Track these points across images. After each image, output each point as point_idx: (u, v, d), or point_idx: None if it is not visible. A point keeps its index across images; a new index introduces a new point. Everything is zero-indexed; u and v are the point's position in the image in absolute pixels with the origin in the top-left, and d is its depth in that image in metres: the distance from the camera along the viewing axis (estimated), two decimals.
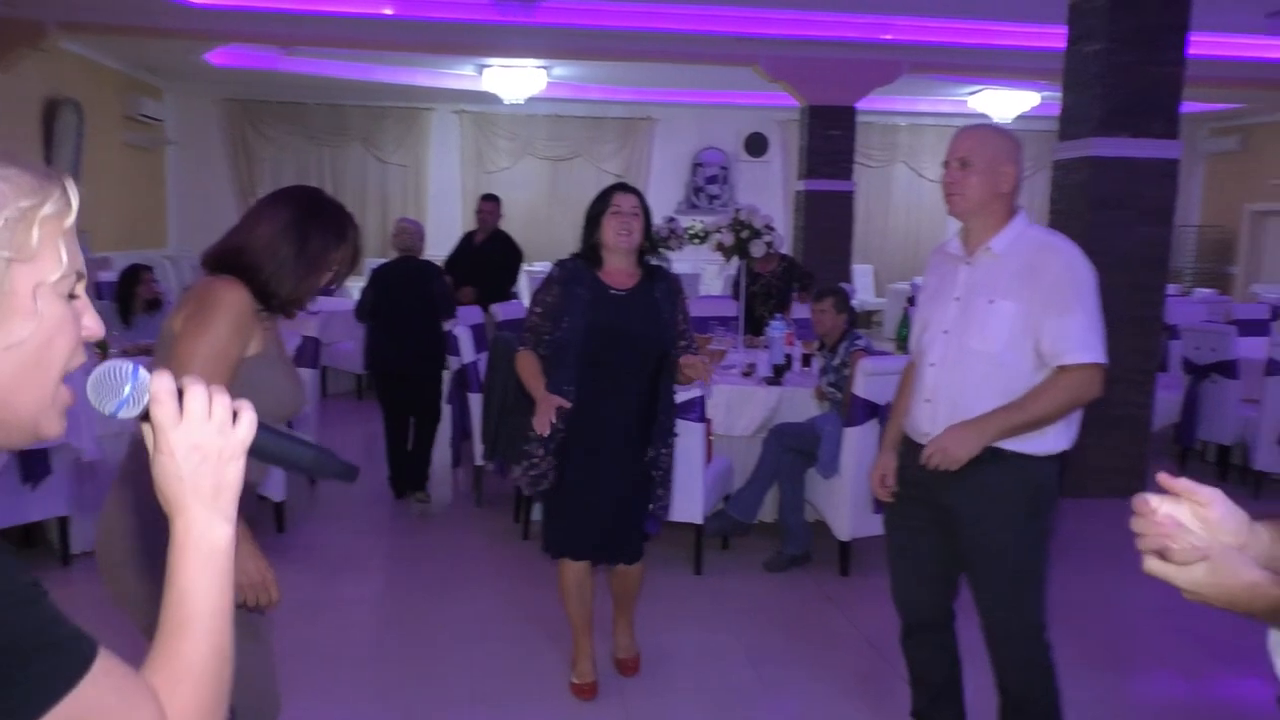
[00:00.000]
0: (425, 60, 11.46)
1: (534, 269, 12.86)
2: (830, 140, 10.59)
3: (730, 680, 3.58)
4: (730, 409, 4.83)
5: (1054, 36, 8.58)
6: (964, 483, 2.52)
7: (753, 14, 9.06)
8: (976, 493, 2.52)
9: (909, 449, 2.72)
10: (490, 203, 7.44)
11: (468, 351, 5.36)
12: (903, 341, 5.50)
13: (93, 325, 0.87)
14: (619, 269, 3.19)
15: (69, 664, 0.77)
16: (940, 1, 8.39)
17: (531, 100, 11.97)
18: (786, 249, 8.68)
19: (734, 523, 4.69)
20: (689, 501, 4.35)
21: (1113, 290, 2.55)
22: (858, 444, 4.42)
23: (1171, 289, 8.16)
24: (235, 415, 0.91)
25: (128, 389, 0.87)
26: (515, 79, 11.25)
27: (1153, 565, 1.07)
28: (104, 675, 0.79)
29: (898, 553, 2.83)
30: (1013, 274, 2.51)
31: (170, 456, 0.88)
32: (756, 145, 14.71)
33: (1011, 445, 2.49)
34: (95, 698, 0.78)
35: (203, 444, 0.89)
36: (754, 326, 6.20)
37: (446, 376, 5.79)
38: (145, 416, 0.89)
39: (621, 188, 3.24)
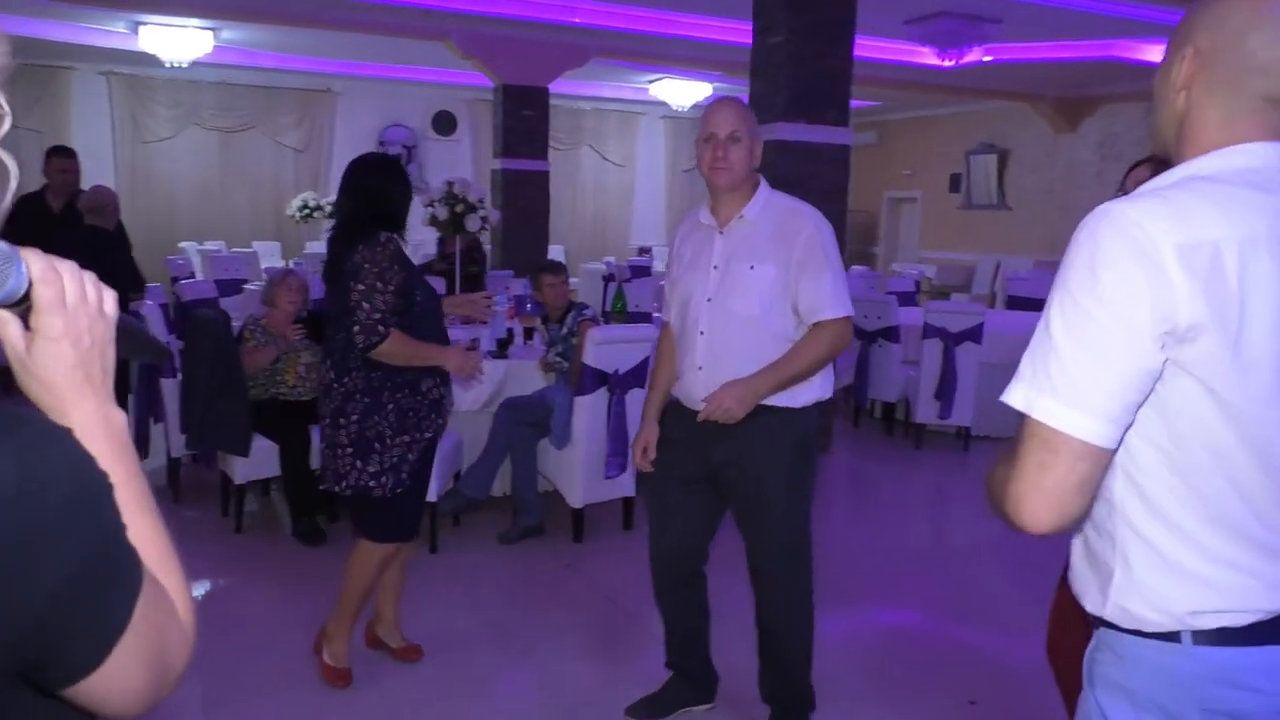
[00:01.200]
0: (65, 11, 10.09)
1: (207, 248, 11.83)
2: (524, 120, 10.65)
3: (476, 655, 3.53)
4: (457, 384, 4.73)
5: (730, 30, 9.22)
6: (734, 438, 2.66)
7: None
8: (747, 445, 2.67)
9: (678, 414, 2.81)
10: (65, 159, 6.06)
11: (158, 332, 4.83)
12: (618, 315, 5.68)
13: None
14: None
15: (136, 570, 0.75)
16: None
17: (196, 65, 10.95)
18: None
19: (467, 500, 4.62)
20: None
21: None
22: (588, 412, 4.51)
23: None
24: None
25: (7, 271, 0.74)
26: (176, 39, 10.22)
27: None
28: (149, 583, 0.77)
29: (666, 512, 2.91)
30: (767, 239, 2.66)
31: (58, 343, 0.78)
32: (445, 123, 14.48)
33: (774, 400, 2.65)
34: (149, 605, 0.76)
35: (92, 327, 0.81)
36: None
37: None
38: (18, 303, 0.76)
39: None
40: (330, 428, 3.04)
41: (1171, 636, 1.21)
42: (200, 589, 3.98)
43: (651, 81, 13.07)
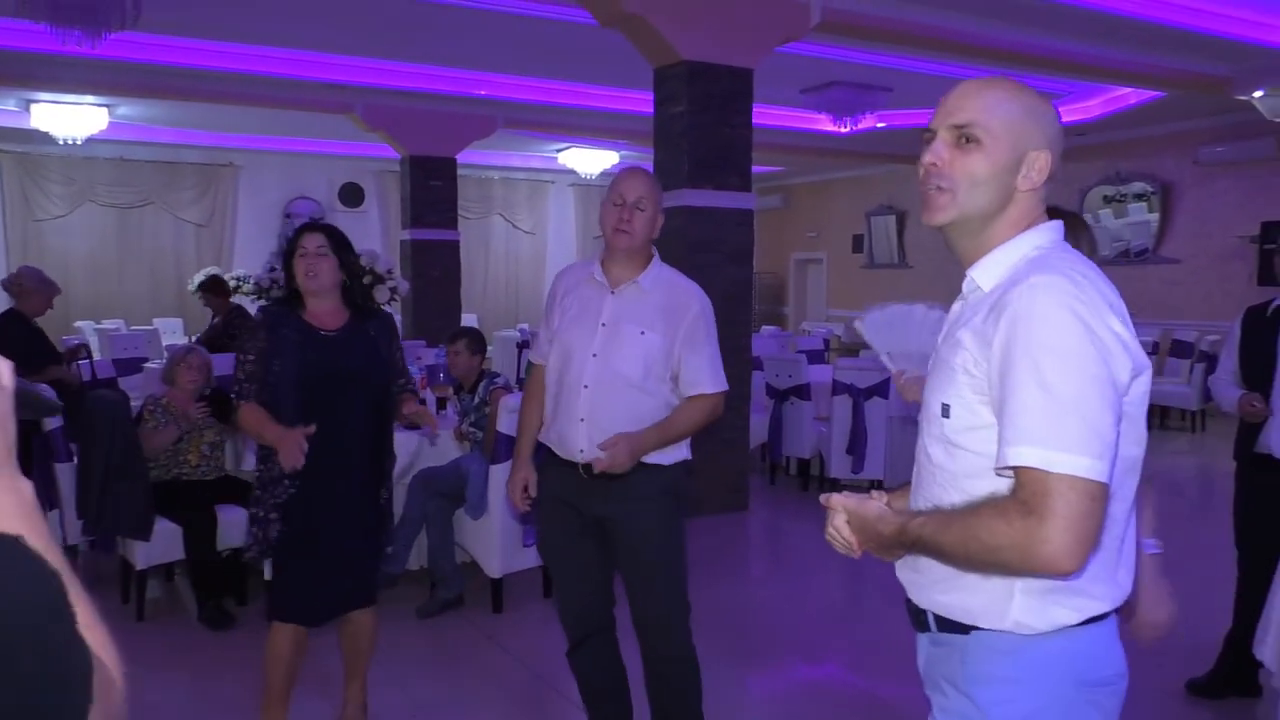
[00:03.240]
0: None
1: (105, 326, 11.46)
2: (432, 190, 10.68)
3: None
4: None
5: (633, 100, 9.46)
6: (613, 491, 2.76)
7: (348, 61, 8.90)
8: (624, 497, 2.77)
9: (555, 467, 2.86)
10: None
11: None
12: None
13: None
14: (324, 309, 3.06)
15: (88, 658, 0.71)
16: (532, 62, 8.85)
17: (91, 141, 10.73)
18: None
19: (384, 575, 4.50)
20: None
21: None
22: (504, 481, 4.45)
23: None
24: None
25: None
26: (70, 117, 10.01)
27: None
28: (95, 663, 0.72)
29: (559, 566, 2.99)
30: (656, 308, 2.78)
31: None
32: (352, 195, 14.41)
33: (649, 458, 2.77)
34: (98, 688, 0.71)
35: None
36: None
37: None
38: None
39: (309, 228, 3.13)
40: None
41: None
42: None
43: (559, 150, 13.26)
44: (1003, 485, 1.33)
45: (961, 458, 1.40)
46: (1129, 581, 1.43)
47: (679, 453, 2.85)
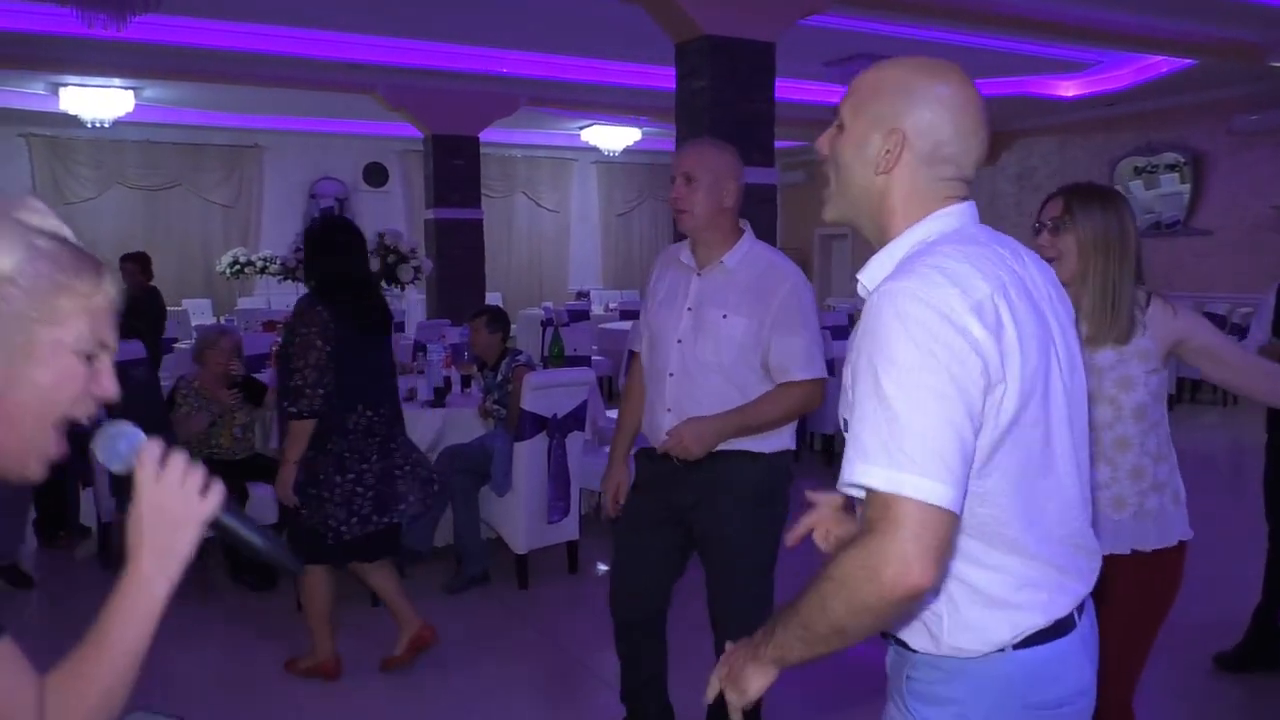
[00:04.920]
0: None
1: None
2: (455, 169, 10.69)
3: (426, 707, 3.48)
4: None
5: (655, 76, 9.41)
6: (698, 478, 2.64)
7: (370, 41, 8.91)
8: (709, 486, 2.64)
9: (649, 458, 2.78)
10: None
11: None
12: (556, 360, 5.70)
13: (108, 387, 1.01)
14: None
15: None
16: (553, 38, 8.82)
17: (119, 124, 10.81)
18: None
19: (411, 552, 4.57)
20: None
21: None
22: (528, 458, 4.50)
23: None
24: (206, 489, 1.06)
25: (123, 446, 1.05)
26: (98, 100, 10.10)
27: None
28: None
29: (629, 553, 2.86)
30: (744, 289, 2.61)
31: (139, 511, 1.03)
32: (376, 175, 14.46)
33: (740, 444, 2.62)
34: None
35: (168, 506, 1.03)
36: None
37: None
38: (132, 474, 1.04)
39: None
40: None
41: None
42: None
43: (582, 127, 13.23)
44: None
45: None
46: (1075, 588, 1.34)
47: (778, 441, 2.66)
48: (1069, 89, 11.13)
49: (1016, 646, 1.31)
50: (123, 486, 4.54)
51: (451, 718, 3.42)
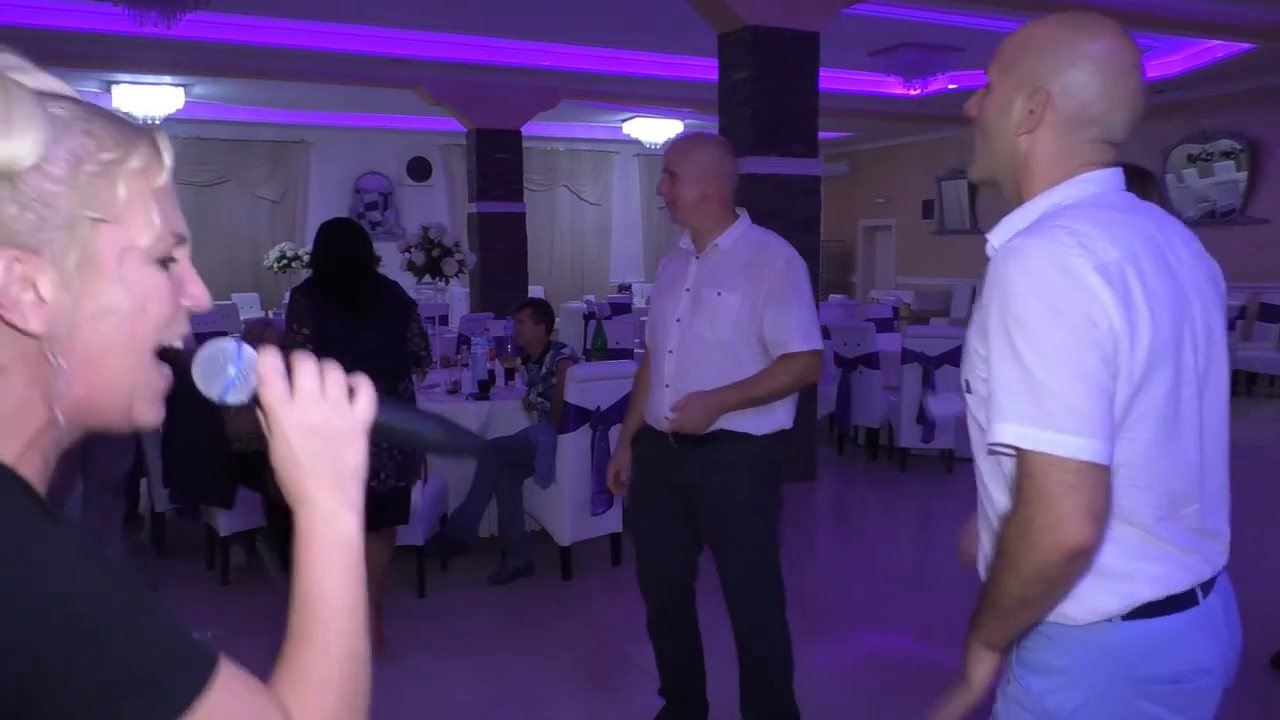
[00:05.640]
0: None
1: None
2: (498, 163, 10.74)
3: (468, 696, 3.51)
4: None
5: (696, 67, 9.36)
6: (699, 461, 2.73)
7: (411, 36, 8.97)
8: (711, 469, 2.73)
9: (648, 438, 2.86)
10: None
11: None
12: (599, 353, 5.71)
13: (198, 294, 0.79)
14: None
15: (194, 678, 0.68)
16: (594, 31, 8.82)
17: (168, 120, 10.99)
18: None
19: (456, 542, 4.61)
20: (408, 523, 4.21)
21: None
22: (572, 450, 4.52)
23: None
24: (351, 392, 0.82)
25: (232, 370, 0.79)
26: (149, 97, 10.28)
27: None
28: (228, 689, 0.69)
29: (644, 539, 2.97)
30: (738, 269, 2.72)
31: (285, 441, 0.80)
32: (420, 169, 14.57)
33: (738, 426, 2.71)
34: (220, 712, 0.69)
35: (320, 425, 0.80)
36: None
37: None
38: (257, 401, 0.80)
39: None
40: None
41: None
42: None
43: (623, 120, 13.21)
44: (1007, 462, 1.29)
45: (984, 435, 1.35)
46: (1196, 566, 1.32)
47: (774, 421, 2.77)
48: None
49: (1125, 618, 1.29)
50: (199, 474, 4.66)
51: (496, 707, 3.44)
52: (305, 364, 0.81)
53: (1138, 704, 1.30)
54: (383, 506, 3.63)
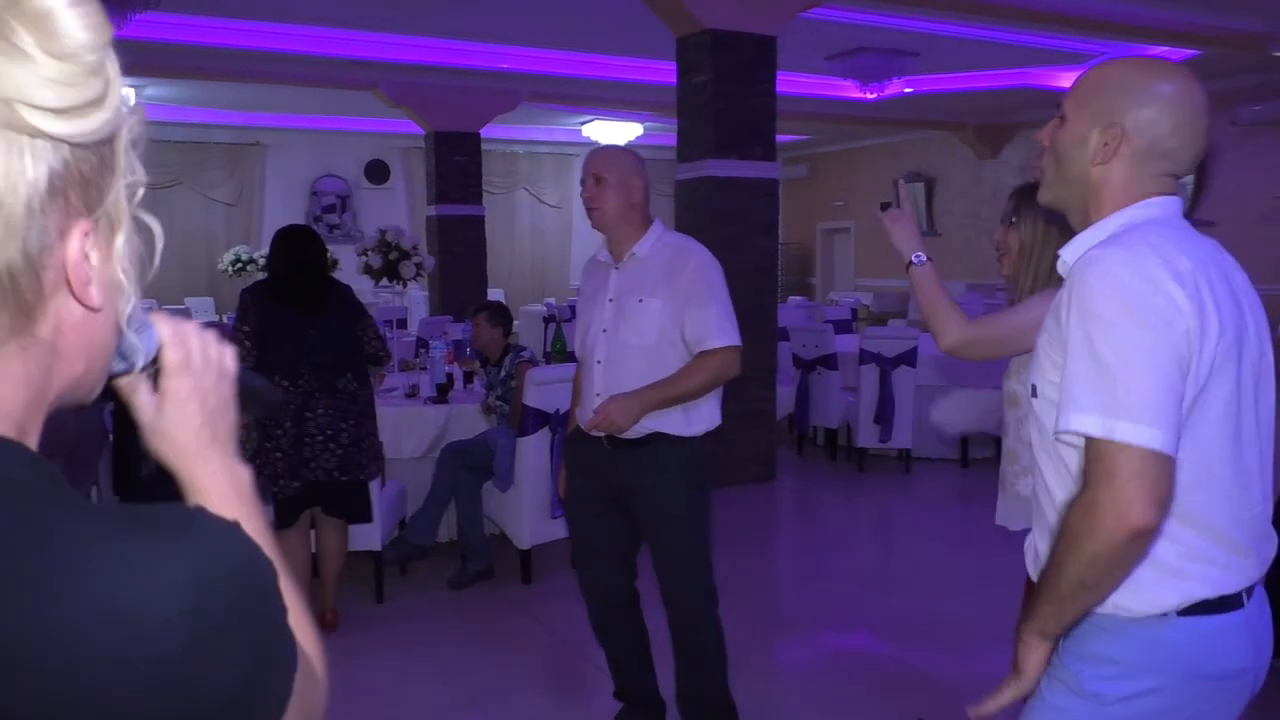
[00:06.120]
0: None
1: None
2: (457, 166, 10.69)
3: (429, 699, 3.48)
4: (398, 431, 4.72)
5: (656, 70, 9.38)
6: (632, 462, 2.80)
7: (370, 38, 8.89)
8: (644, 469, 2.80)
9: (579, 441, 2.94)
10: None
11: None
12: (558, 355, 5.70)
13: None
14: None
15: (294, 646, 0.68)
16: (553, 34, 8.80)
17: None
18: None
19: (414, 547, 4.57)
20: (366, 528, 4.18)
21: (737, 296, 2.89)
22: (531, 453, 4.50)
23: None
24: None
25: (148, 334, 0.76)
26: None
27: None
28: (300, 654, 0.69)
29: (584, 540, 3.03)
30: (657, 275, 2.80)
31: (186, 404, 0.80)
32: (378, 172, 14.45)
33: (669, 429, 2.78)
34: (301, 676, 0.69)
35: (216, 387, 0.82)
36: None
37: None
38: (155, 366, 0.79)
39: None
40: (355, 428, 3.84)
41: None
42: None
43: (583, 123, 13.20)
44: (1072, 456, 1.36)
45: (1048, 434, 1.42)
46: (1246, 569, 1.38)
47: (703, 423, 2.83)
48: (1071, 81, 11.06)
49: (1180, 613, 1.35)
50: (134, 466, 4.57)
51: (458, 710, 3.43)
52: (193, 329, 0.82)
53: (1183, 695, 1.36)
54: (331, 497, 3.86)
